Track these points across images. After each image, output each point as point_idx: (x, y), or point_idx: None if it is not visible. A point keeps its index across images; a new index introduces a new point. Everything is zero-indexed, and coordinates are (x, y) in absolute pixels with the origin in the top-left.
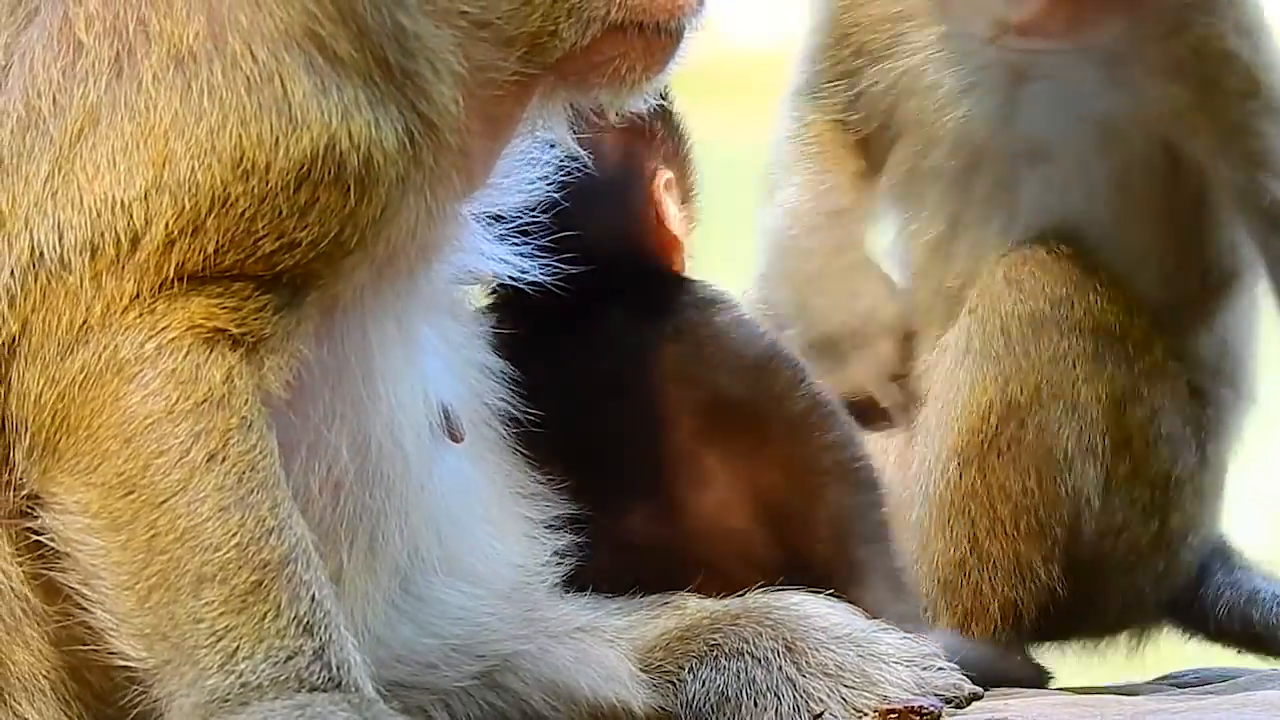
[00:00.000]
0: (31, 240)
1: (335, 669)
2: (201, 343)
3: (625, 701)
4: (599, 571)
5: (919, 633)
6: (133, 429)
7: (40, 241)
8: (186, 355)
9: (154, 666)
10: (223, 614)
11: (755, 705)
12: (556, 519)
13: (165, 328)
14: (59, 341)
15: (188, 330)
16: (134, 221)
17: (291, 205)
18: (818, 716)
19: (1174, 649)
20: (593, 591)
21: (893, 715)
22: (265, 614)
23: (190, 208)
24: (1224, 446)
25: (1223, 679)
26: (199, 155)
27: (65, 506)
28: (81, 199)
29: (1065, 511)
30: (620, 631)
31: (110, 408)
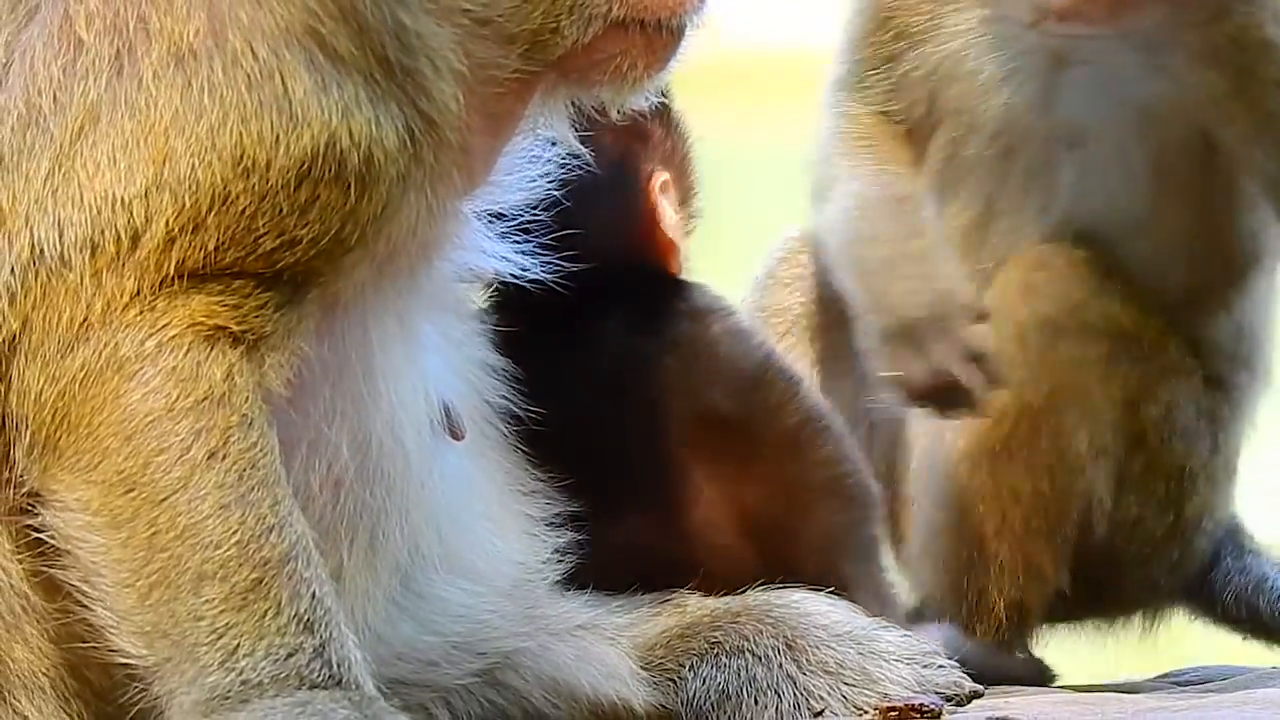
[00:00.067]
0: (32, 238)
1: (336, 666)
2: (202, 340)
3: (626, 699)
4: (595, 573)
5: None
6: (133, 426)
7: (41, 239)
8: (187, 353)
9: (154, 664)
10: (223, 611)
11: (756, 703)
12: (557, 516)
13: (166, 325)
14: (59, 339)
15: (188, 328)
16: (134, 219)
17: (292, 203)
18: (818, 714)
19: (1175, 647)
20: (591, 591)
21: (893, 713)
22: (266, 611)
23: (191, 205)
24: (1238, 431)
25: (1224, 677)
26: (199, 153)
27: (66, 504)
28: (82, 196)
29: (1076, 512)
30: (621, 629)
31: (111, 405)
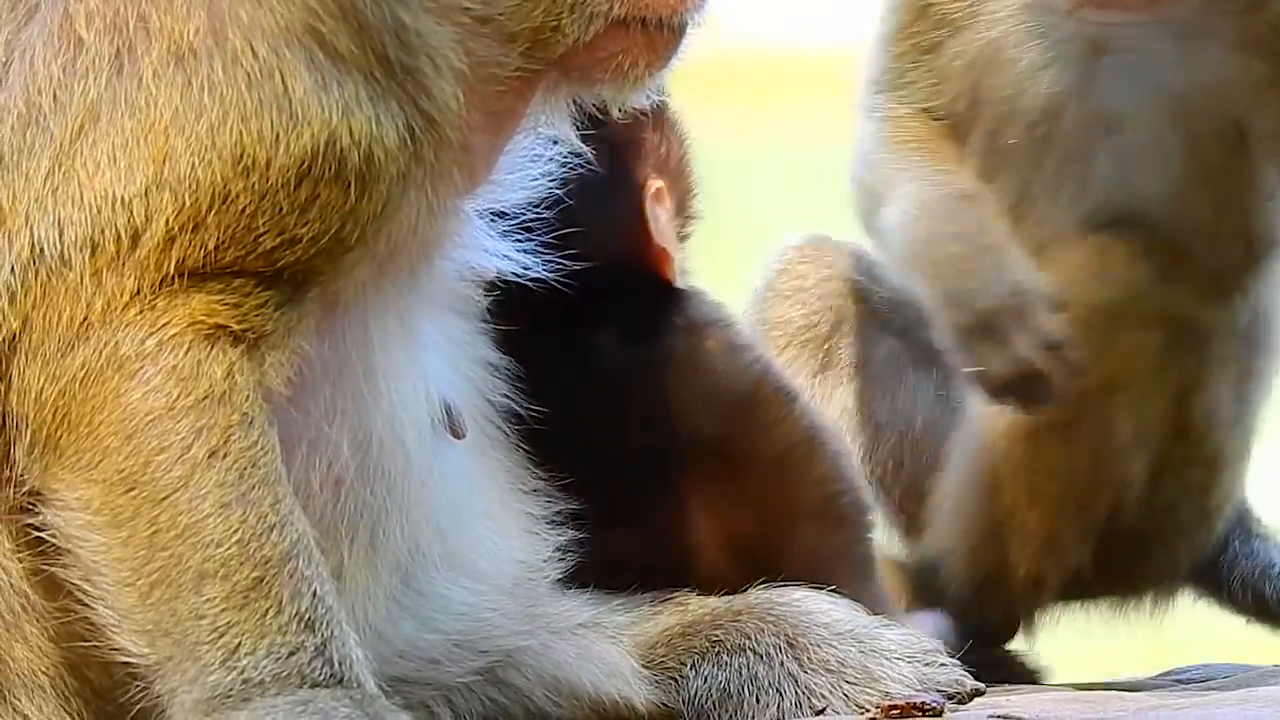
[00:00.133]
0: (32, 237)
1: (337, 665)
2: (202, 339)
3: (627, 697)
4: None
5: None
6: (134, 425)
7: (41, 238)
8: (187, 352)
9: (155, 663)
10: (224, 610)
11: (757, 701)
12: (558, 515)
13: (166, 324)
14: (60, 338)
15: (189, 327)
16: (134, 218)
17: (292, 202)
18: (819, 713)
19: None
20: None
21: (895, 711)
22: (267, 610)
23: (191, 204)
24: (1258, 416)
25: (1226, 675)
26: (199, 152)
27: (66, 503)
28: (82, 195)
29: (1110, 495)
30: (622, 627)
31: (111, 404)
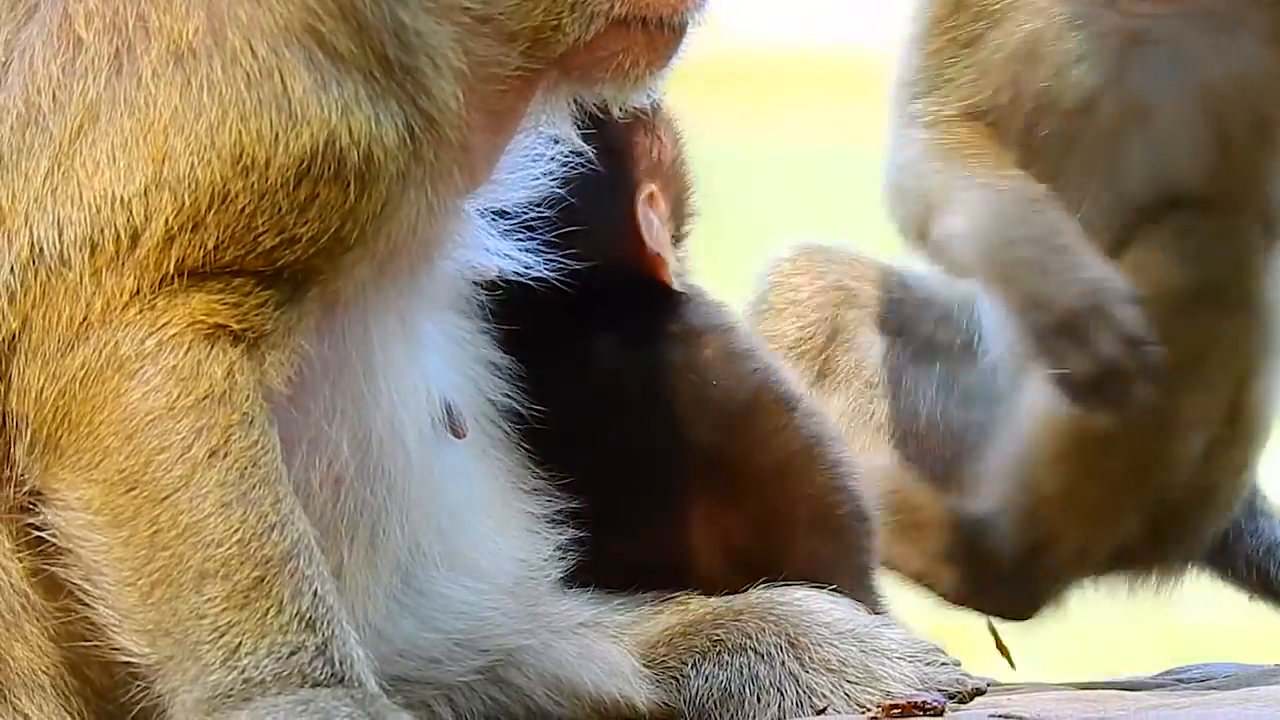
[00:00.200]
0: (31, 237)
1: (338, 664)
2: (202, 339)
3: (628, 697)
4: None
5: None
6: (134, 425)
7: (40, 238)
8: (187, 351)
9: (156, 662)
10: (225, 610)
11: (758, 701)
12: (559, 514)
13: (166, 324)
14: (59, 338)
15: (188, 326)
16: (134, 218)
17: (291, 201)
18: (821, 712)
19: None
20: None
21: (896, 710)
22: (268, 610)
23: (190, 204)
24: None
25: (1226, 674)
26: (199, 151)
27: (67, 503)
28: (81, 195)
29: (1163, 474)
30: (623, 627)
31: (111, 404)
